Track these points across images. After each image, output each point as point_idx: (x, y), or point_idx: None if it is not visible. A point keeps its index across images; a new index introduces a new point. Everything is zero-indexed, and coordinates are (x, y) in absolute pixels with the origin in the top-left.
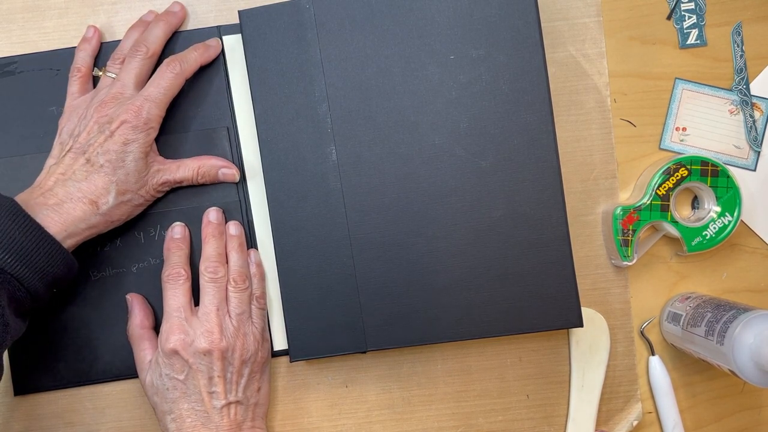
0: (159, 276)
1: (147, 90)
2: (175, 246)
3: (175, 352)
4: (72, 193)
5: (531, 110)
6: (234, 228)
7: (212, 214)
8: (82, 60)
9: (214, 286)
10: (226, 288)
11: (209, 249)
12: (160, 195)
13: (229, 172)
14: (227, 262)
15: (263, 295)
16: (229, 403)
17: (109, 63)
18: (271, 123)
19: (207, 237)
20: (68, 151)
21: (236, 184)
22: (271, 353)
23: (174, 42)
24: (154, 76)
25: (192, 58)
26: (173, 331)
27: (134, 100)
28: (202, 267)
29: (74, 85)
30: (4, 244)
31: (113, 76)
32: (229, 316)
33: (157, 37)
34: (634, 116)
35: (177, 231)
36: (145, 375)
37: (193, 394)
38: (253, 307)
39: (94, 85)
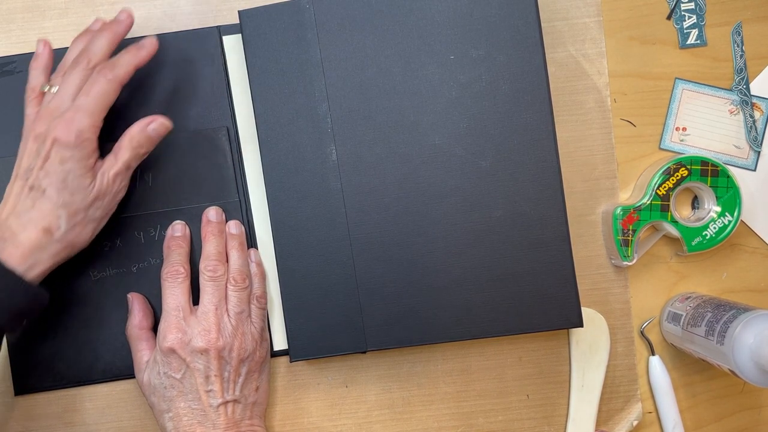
0: (159, 275)
1: (78, 99)
2: (175, 244)
3: (172, 351)
4: (24, 224)
5: (531, 110)
6: (235, 227)
7: (212, 213)
8: (36, 78)
9: (213, 284)
10: (226, 287)
11: (209, 247)
12: (121, 193)
13: (157, 125)
14: (227, 261)
15: (264, 294)
16: (227, 402)
17: (53, 76)
18: (271, 123)
19: (207, 235)
20: (15, 178)
21: (232, 182)
22: (270, 353)
23: (175, 42)
24: (86, 84)
25: (124, 61)
26: (171, 330)
27: (65, 113)
28: (202, 265)
29: (29, 107)
30: None
31: (55, 90)
32: (228, 315)
33: (100, 47)
34: (634, 116)
35: (177, 229)
36: (142, 375)
37: (190, 392)
38: (252, 306)
39: None
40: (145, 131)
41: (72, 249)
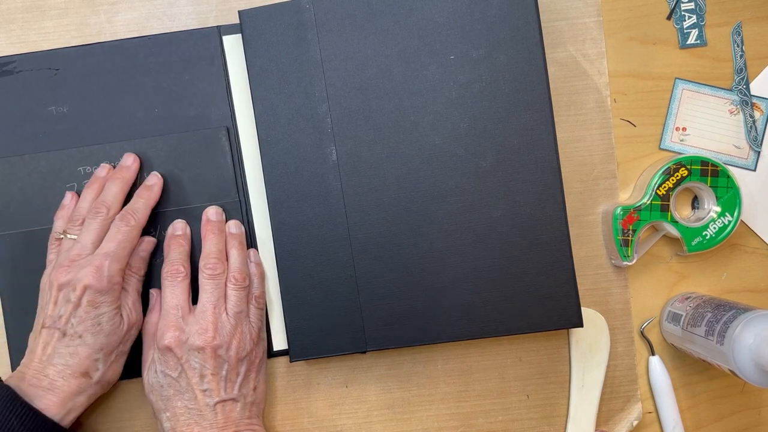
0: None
1: (105, 246)
2: (176, 243)
3: (168, 349)
4: (61, 371)
5: (531, 110)
6: (235, 227)
7: (212, 212)
8: (61, 228)
9: (212, 283)
10: (225, 286)
11: (209, 246)
12: (141, 320)
13: (145, 244)
14: (227, 260)
15: (262, 294)
16: (224, 401)
17: (69, 225)
18: (271, 123)
19: (207, 234)
20: (42, 327)
21: (232, 182)
22: (267, 353)
23: (175, 42)
24: (109, 231)
25: (141, 206)
26: (169, 328)
27: (93, 260)
28: (202, 264)
29: (52, 253)
30: None
31: (74, 237)
32: (227, 313)
33: (115, 195)
34: (634, 116)
35: (178, 228)
36: (145, 373)
37: (187, 391)
38: (251, 306)
39: None
40: (138, 255)
41: (106, 387)
